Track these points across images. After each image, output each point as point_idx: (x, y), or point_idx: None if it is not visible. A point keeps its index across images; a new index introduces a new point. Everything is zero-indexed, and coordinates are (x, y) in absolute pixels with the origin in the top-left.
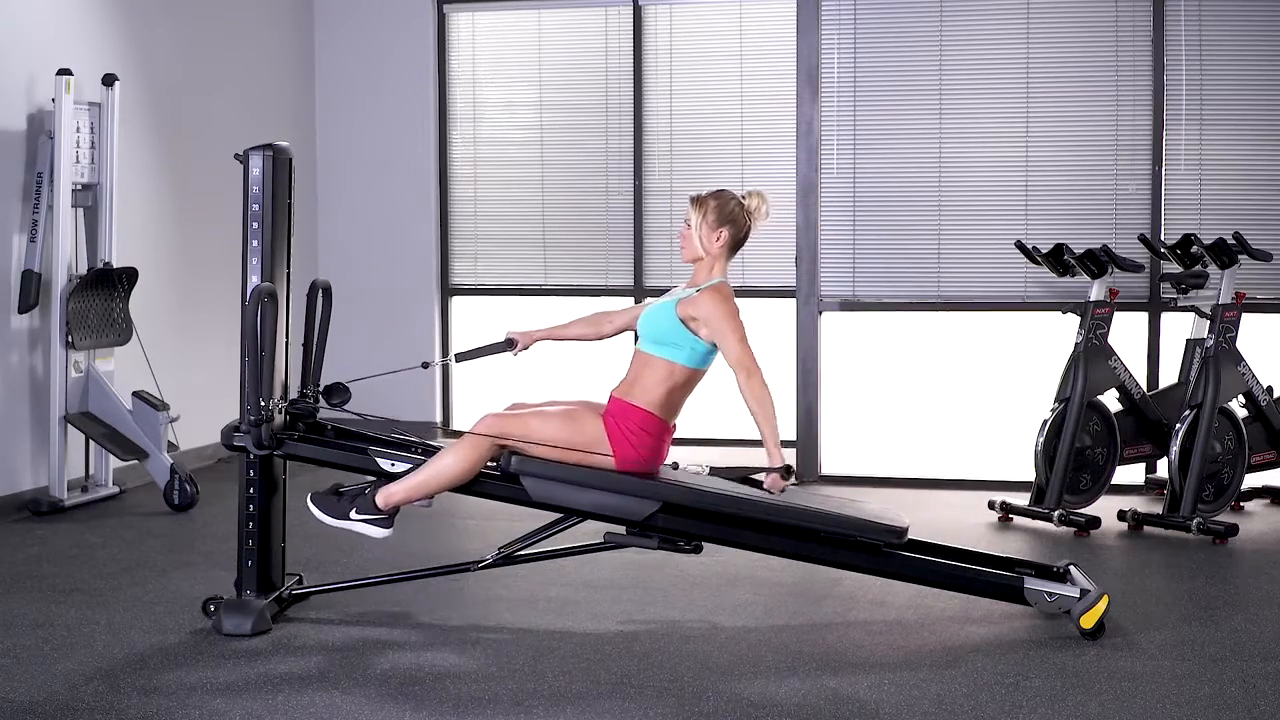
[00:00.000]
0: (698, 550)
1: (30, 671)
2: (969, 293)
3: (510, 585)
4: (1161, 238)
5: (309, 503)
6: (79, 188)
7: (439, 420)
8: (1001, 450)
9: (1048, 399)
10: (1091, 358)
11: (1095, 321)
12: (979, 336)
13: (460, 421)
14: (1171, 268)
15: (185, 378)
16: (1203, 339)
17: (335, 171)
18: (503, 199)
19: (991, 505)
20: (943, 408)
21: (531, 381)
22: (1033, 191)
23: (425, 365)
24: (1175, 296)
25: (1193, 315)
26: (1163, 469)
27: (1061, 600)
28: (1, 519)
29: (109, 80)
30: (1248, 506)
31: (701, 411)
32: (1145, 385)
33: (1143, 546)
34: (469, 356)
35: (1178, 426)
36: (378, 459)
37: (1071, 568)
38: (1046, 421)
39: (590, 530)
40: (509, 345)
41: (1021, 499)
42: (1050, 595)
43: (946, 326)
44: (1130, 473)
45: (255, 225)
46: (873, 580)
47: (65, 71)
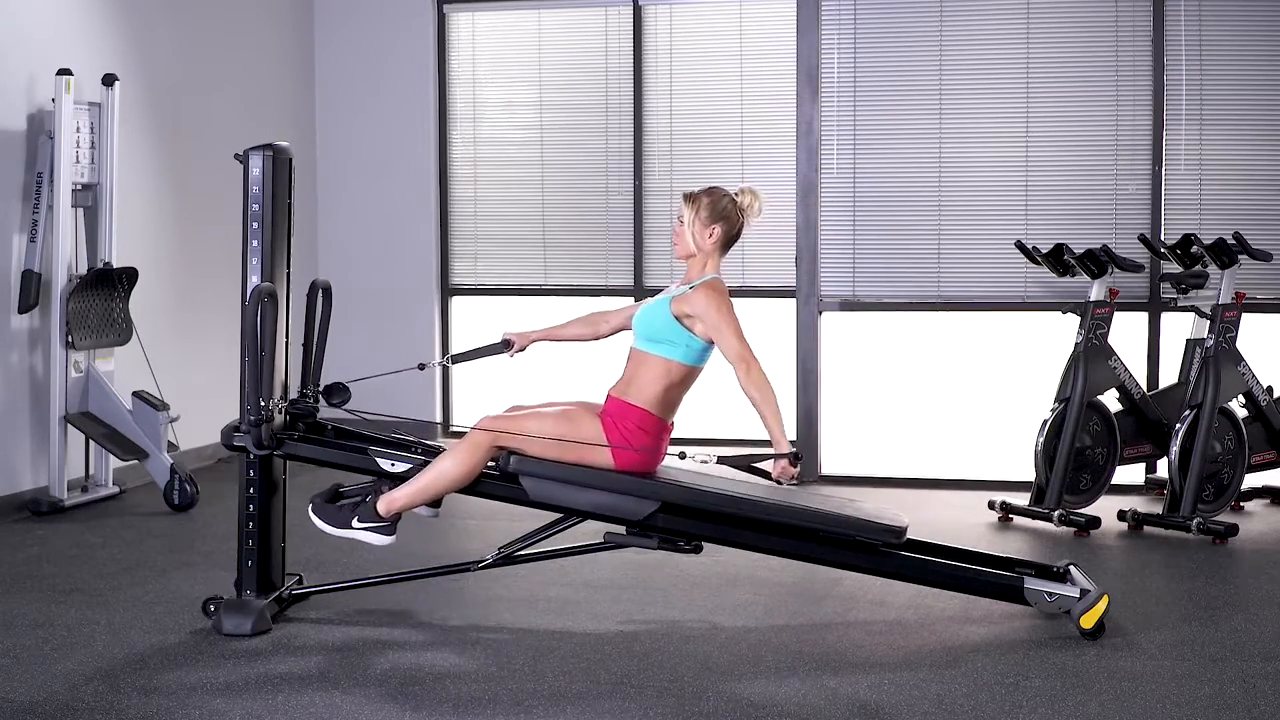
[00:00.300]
0: (698, 550)
1: (30, 671)
2: (969, 293)
3: (510, 585)
4: (1161, 238)
5: (310, 513)
6: (79, 188)
7: (439, 420)
8: (1001, 450)
9: (1048, 399)
10: (1091, 358)
11: (1095, 321)
12: (979, 336)
13: (460, 422)
14: (1171, 268)
15: (185, 378)
16: (1203, 339)
17: (335, 171)
18: (503, 199)
19: (991, 505)
20: (942, 408)
21: (529, 382)
22: (1033, 191)
23: (421, 367)
24: (1175, 296)
25: (1193, 315)
26: (1163, 469)
27: (1061, 600)
28: (1, 519)
29: (109, 80)
30: (1248, 506)
31: (704, 409)
32: (1145, 385)
33: (1143, 546)
34: (465, 358)
35: (1178, 426)
36: (378, 459)
37: (1071, 568)
38: (1046, 421)
39: (590, 530)
40: (506, 347)
41: (1021, 499)
42: (1050, 595)
43: (946, 326)
44: (1130, 473)
45: (255, 225)
46: (873, 580)
47: (65, 71)
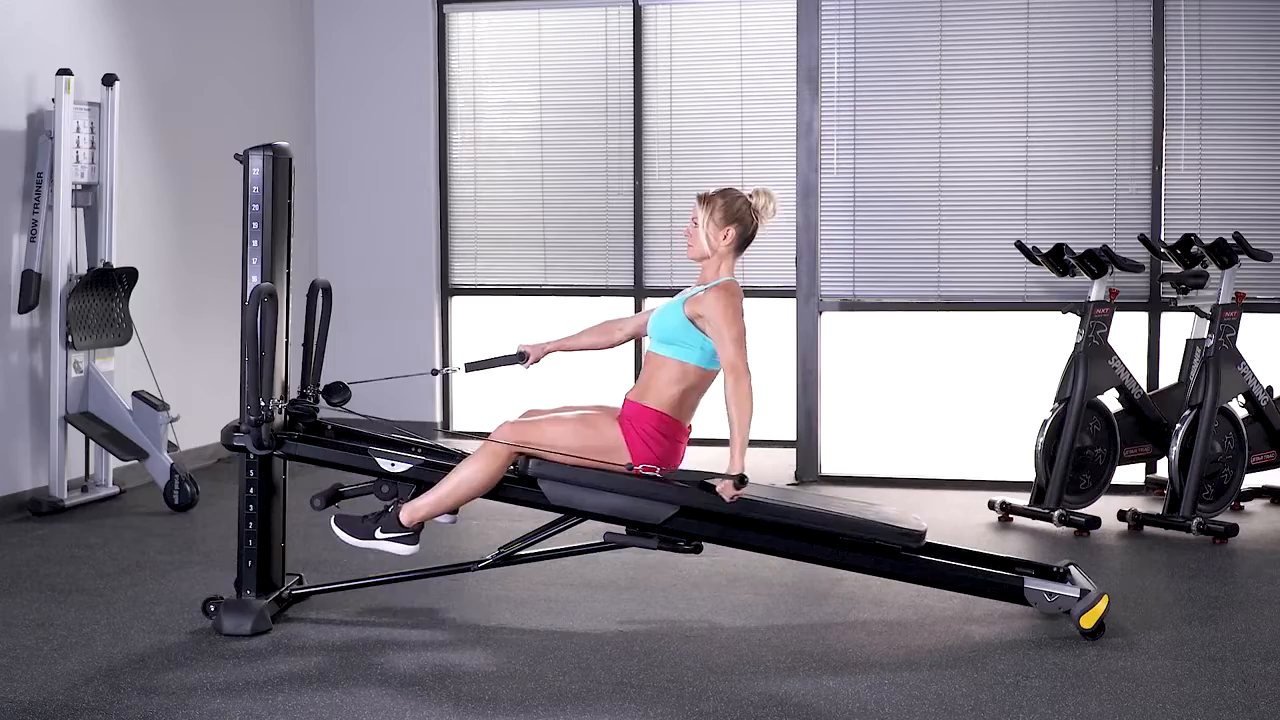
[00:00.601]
0: (698, 550)
1: (30, 671)
2: (969, 293)
3: (510, 585)
4: (1161, 238)
5: (333, 525)
6: (79, 188)
7: (439, 421)
8: (1001, 450)
9: (1048, 399)
10: (1091, 358)
11: (1095, 321)
12: (979, 336)
13: (459, 423)
14: (1171, 268)
15: (185, 378)
16: (1203, 339)
17: (335, 171)
18: (503, 199)
19: (991, 505)
20: (943, 408)
21: (539, 387)
22: (1033, 191)
23: (434, 372)
24: (1175, 296)
25: (1193, 315)
26: (1163, 469)
27: (1061, 600)
28: (1, 519)
29: (109, 80)
30: (1248, 506)
31: (704, 409)
32: (1145, 385)
33: (1143, 546)
34: (480, 367)
35: (1178, 426)
36: (378, 459)
37: (1071, 568)
38: (1046, 421)
39: (590, 530)
40: (521, 359)
41: (1021, 499)
42: (1050, 595)
43: (946, 326)
44: (1130, 473)
45: (255, 225)
46: (873, 580)
47: (65, 71)
